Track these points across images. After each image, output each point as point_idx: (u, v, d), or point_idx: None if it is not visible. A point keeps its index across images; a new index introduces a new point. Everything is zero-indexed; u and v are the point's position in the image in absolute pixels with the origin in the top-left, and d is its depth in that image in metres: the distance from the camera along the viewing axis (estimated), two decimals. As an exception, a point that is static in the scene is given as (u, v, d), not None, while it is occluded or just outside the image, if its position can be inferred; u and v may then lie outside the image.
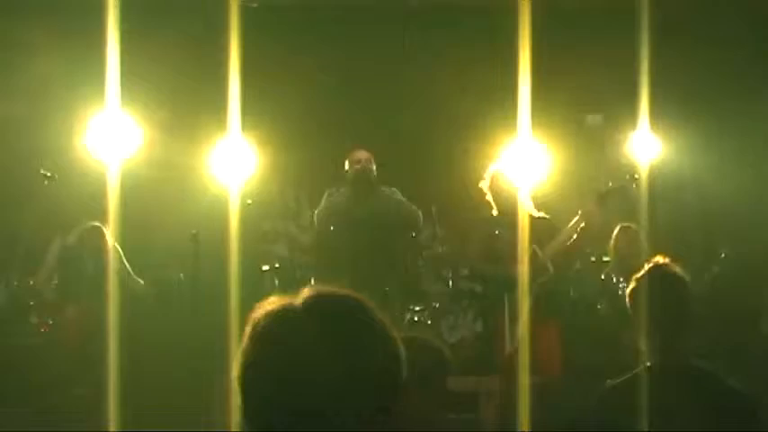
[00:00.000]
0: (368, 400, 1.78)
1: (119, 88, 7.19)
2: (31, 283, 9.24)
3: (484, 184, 8.20)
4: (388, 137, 10.44)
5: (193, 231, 8.83)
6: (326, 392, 1.75)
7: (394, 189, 9.13)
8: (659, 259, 3.86)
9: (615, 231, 8.68)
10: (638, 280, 3.82)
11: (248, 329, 1.84)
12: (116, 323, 7.32)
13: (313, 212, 9.36)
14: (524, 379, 7.06)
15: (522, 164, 8.32)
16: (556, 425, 7.50)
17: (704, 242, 10.36)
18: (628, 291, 3.86)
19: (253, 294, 9.02)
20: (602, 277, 8.83)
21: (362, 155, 8.96)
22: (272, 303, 1.85)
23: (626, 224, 8.70)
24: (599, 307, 8.62)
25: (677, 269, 3.83)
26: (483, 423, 8.64)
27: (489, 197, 8.19)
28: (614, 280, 8.61)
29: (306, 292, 1.86)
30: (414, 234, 9.33)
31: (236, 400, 1.84)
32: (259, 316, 1.84)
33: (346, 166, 9.00)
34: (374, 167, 8.95)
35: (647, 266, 3.85)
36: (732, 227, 10.25)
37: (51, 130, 9.87)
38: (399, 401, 1.82)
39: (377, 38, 10.92)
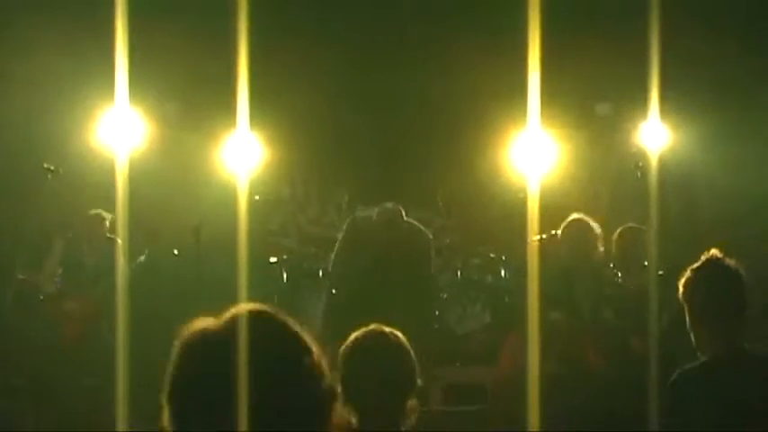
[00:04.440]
0: (292, 413, 1.82)
1: (127, 81, 7.11)
2: (21, 277, 9.11)
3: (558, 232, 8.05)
4: (396, 130, 10.39)
5: (195, 223, 8.77)
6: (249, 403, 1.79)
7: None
8: (715, 252, 3.95)
9: (618, 230, 8.45)
10: (694, 271, 3.91)
11: (176, 348, 1.89)
12: (124, 318, 7.23)
13: (321, 205, 9.30)
14: (534, 373, 6.99)
15: (532, 153, 8.29)
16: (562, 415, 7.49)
17: (713, 233, 10.31)
18: (682, 281, 3.93)
19: (261, 286, 9.02)
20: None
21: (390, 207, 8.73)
22: (197, 323, 1.90)
23: (631, 224, 8.55)
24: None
25: (733, 262, 3.96)
26: (491, 414, 8.60)
27: (563, 246, 8.00)
28: (616, 277, 8.51)
29: (227, 313, 1.90)
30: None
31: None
32: (185, 336, 1.90)
33: (374, 216, 8.76)
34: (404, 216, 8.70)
35: (703, 259, 3.94)
36: (741, 216, 10.21)
37: (59, 124, 9.81)
38: (325, 407, 1.86)
39: (384, 31, 10.86)
